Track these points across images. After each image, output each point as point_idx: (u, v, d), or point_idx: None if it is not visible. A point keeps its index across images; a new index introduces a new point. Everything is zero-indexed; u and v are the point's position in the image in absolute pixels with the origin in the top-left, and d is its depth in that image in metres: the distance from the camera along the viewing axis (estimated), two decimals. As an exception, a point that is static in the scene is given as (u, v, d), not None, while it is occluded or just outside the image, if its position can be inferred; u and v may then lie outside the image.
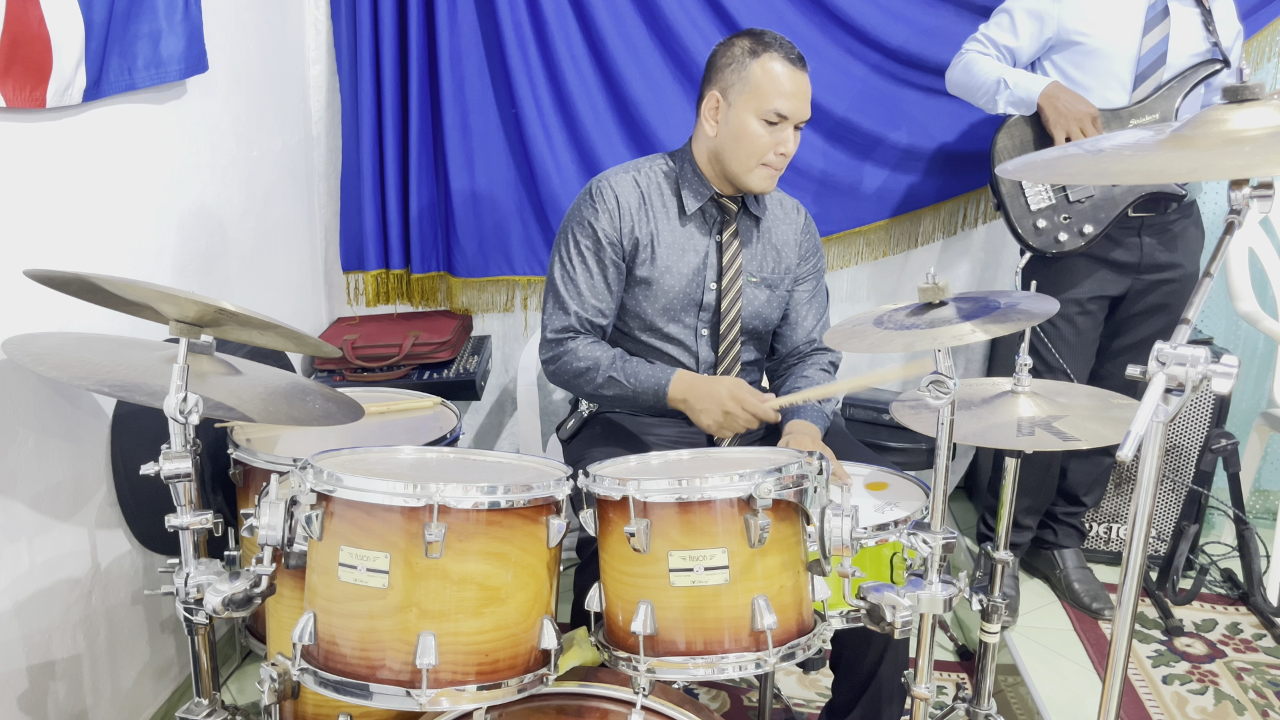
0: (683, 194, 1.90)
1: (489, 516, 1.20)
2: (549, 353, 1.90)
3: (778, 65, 1.79)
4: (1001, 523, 1.68)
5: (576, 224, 1.89)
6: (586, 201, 1.89)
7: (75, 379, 1.40)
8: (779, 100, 1.79)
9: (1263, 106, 1.03)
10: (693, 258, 1.90)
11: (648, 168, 1.93)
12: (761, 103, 1.79)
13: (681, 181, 1.90)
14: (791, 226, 2.00)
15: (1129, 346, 2.45)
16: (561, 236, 1.91)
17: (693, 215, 1.90)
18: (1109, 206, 2.26)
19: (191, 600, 1.31)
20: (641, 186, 1.90)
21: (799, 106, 1.80)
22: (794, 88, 1.79)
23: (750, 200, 1.94)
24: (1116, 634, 1.11)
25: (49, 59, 1.59)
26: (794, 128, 1.82)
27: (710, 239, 1.91)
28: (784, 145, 1.81)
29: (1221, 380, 1.00)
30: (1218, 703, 2.18)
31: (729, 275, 1.90)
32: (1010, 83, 2.28)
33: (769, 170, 1.83)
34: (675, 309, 1.91)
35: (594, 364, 1.85)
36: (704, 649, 1.25)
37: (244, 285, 2.35)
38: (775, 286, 1.97)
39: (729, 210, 1.91)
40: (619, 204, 1.87)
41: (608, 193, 1.88)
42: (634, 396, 1.85)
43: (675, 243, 1.89)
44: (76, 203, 1.73)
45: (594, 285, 1.87)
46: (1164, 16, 2.24)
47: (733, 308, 1.91)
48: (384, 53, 2.60)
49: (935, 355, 1.25)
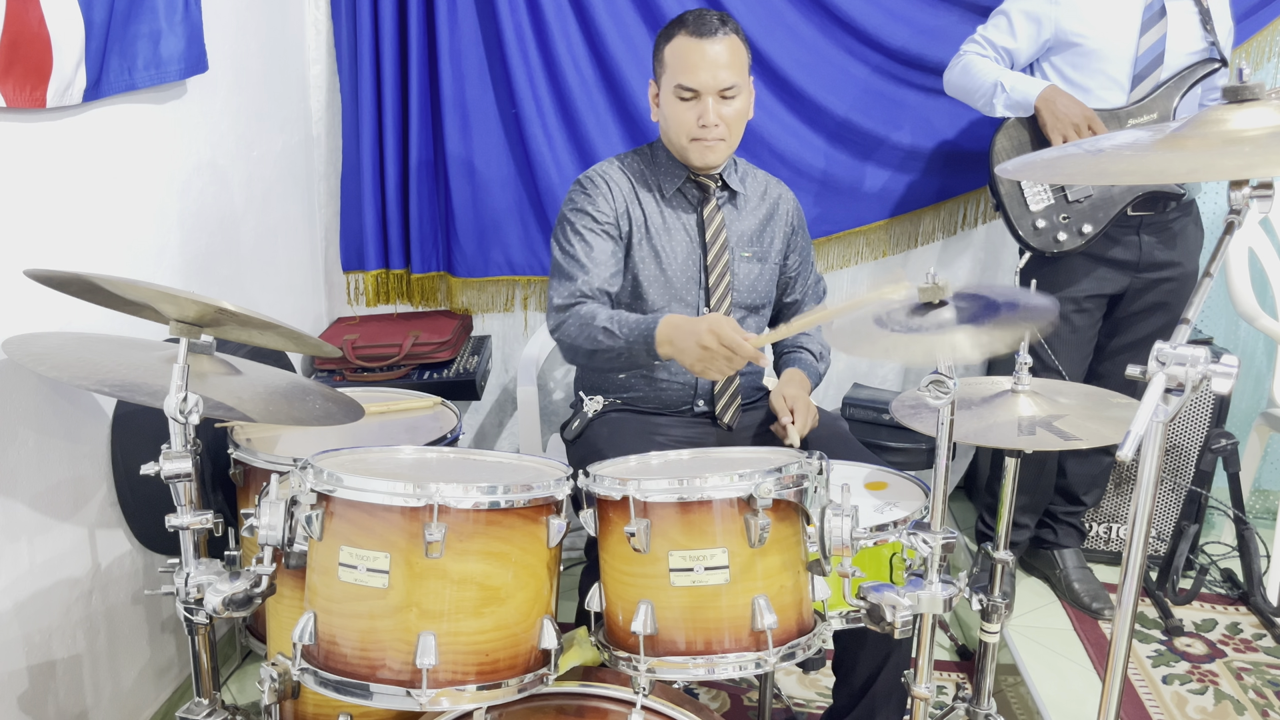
0: (661, 180, 1.96)
1: (489, 516, 1.20)
2: (556, 320, 1.88)
3: (682, 41, 1.85)
4: (1001, 522, 1.68)
5: (570, 210, 1.94)
6: (577, 190, 1.96)
7: (75, 379, 1.40)
8: (683, 75, 1.84)
9: (1262, 106, 1.03)
10: (681, 236, 1.95)
11: (629, 158, 2.01)
12: (672, 81, 1.86)
13: (658, 168, 1.97)
14: (777, 201, 2.04)
15: (1127, 346, 2.45)
16: (558, 226, 1.96)
17: (673, 197, 1.96)
18: (1108, 206, 2.26)
19: (191, 600, 1.31)
20: (627, 173, 1.97)
21: (708, 78, 1.83)
22: (698, 60, 1.83)
23: (730, 176, 1.98)
24: (1116, 634, 1.11)
25: (49, 59, 1.59)
26: (719, 97, 1.85)
27: (693, 215, 1.96)
28: (704, 117, 1.84)
29: (1221, 380, 1.00)
30: (1218, 703, 2.18)
31: (714, 249, 1.94)
32: (1007, 86, 2.28)
33: (700, 144, 1.87)
34: (677, 289, 1.95)
35: (593, 316, 1.82)
36: (704, 649, 1.25)
37: (244, 285, 2.35)
38: (765, 260, 2.01)
39: (707, 187, 1.96)
40: (610, 187, 1.94)
41: (597, 179, 1.95)
42: (628, 348, 1.78)
43: (664, 225, 1.95)
44: (77, 203, 1.73)
45: (594, 258, 1.89)
46: (1161, 16, 2.24)
47: (721, 281, 1.95)
48: (384, 53, 2.60)
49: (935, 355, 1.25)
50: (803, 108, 2.71)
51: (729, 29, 1.85)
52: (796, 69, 2.67)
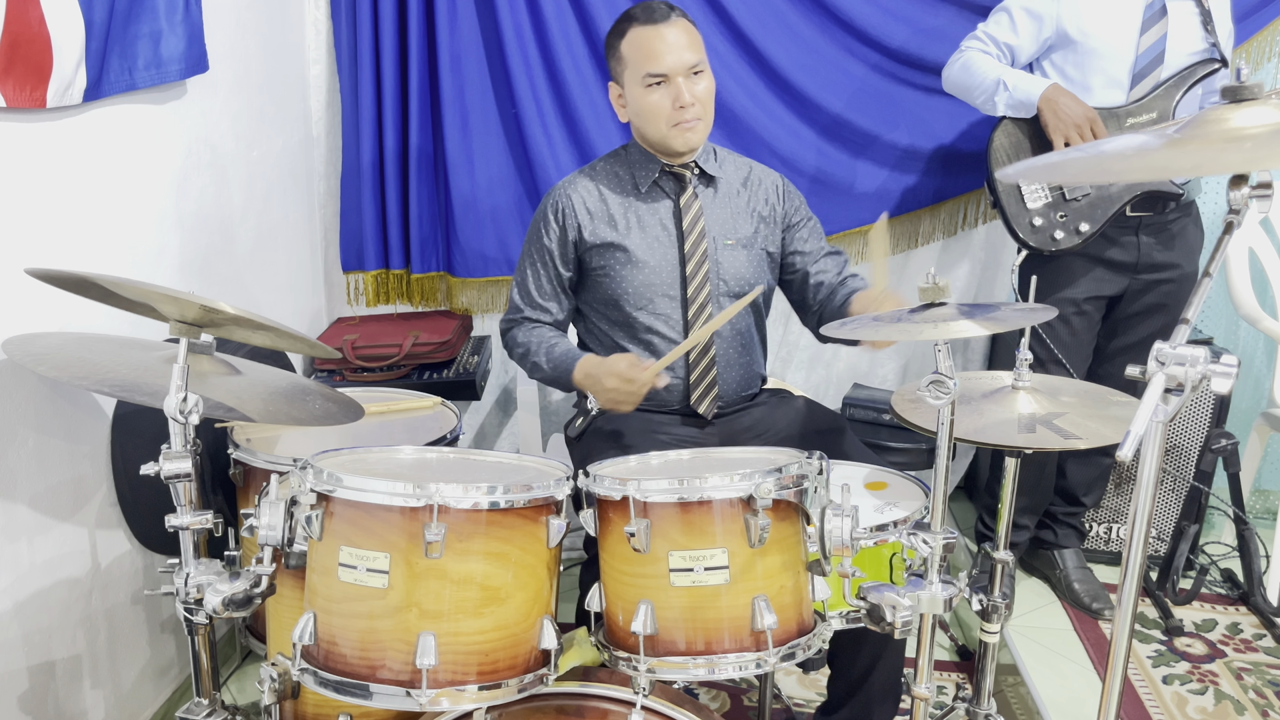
0: (635, 175, 1.97)
1: (489, 516, 1.20)
2: (504, 341, 2.06)
3: (638, 32, 1.87)
4: (1001, 522, 1.68)
5: (530, 237, 2.02)
6: (541, 211, 2.01)
7: (75, 379, 1.40)
8: (649, 63, 1.85)
9: (1262, 106, 1.03)
10: (658, 231, 1.96)
11: (601, 164, 2.03)
12: (639, 72, 1.87)
13: (633, 166, 1.98)
14: (757, 183, 2.04)
15: (1127, 347, 2.44)
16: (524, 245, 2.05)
17: (649, 191, 1.97)
18: (1105, 204, 2.26)
19: (191, 600, 1.31)
20: (598, 180, 1.99)
21: (674, 60, 1.85)
22: (660, 45, 1.85)
23: (707, 163, 1.98)
24: (1116, 634, 1.11)
25: (49, 59, 1.59)
26: (689, 75, 1.86)
27: (670, 206, 1.97)
28: (680, 98, 1.85)
29: (1221, 380, 0.99)
30: (1218, 703, 2.18)
31: (692, 238, 1.95)
32: (1009, 84, 2.27)
33: (681, 127, 1.88)
34: (656, 284, 1.95)
35: (525, 348, 1.99)
36: (704, 649, 1.25)
37: (244, 285, 2.35)
38: (750, 246, 2.00)
39: (683, 177, 1.97)
40: (571, 204, 1.97)
41: (560, 198, 1.98)
42: (555, 379, 1.95)
43: (639, 221, 1.96)
44: (77, 203, 1.73)
45: (538, 285, 2.00)
46: (1162, 15, 2.24)
47: (700, 269, 1.95)
48: (384, 53, 2.60)
49: (935, 354, 1.25)
50: (801, 106, 2.71)
51: (678, 12, 1.88)
52: (795, 69, 2.67)
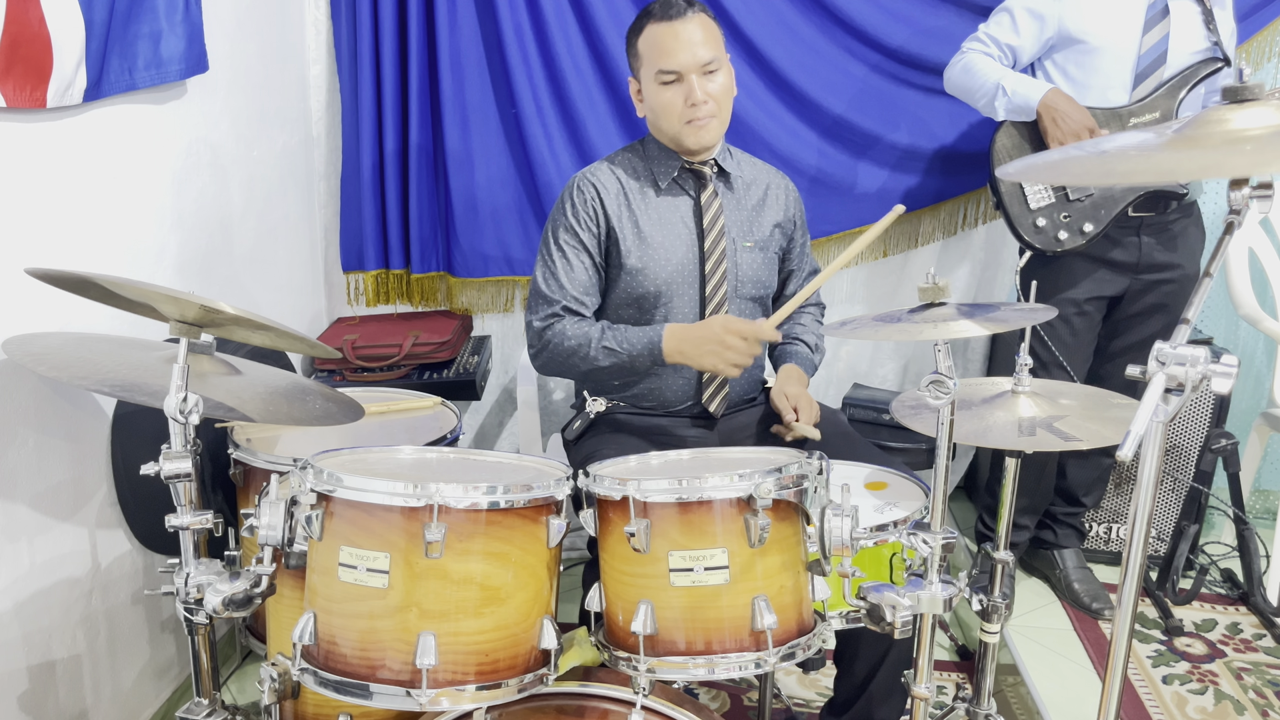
0: (655, 171, 1.96)
1: (489, 516, 1.20)
2: (537, 343, 1.92)
3: (654, 29, 1.86)
4: (1001, 522, 1.68)
5: (553, 225, 1.96)
6: (565, 199, 1.96)
7: (75, 379, 1.40)
8: (662, 60, 1.85)
9: (1262, 106, 1.03)
10: (679, 227, 1.94)
11: (620, 156, 2.01)
12: (652, 69, 1.87)
13: (651, 161, 1.97)
14: (774, 189, 2.04)
15: (1127, 347, 2.44)
16: (543, 240, 1.98)
17: (669, 188, 1.96)
18: (1109, 205, 2.26)
19: (191, 600, 1.31)
20: (618, 173, 1.97)
21: (687, 58, 1.84)
22: (673, 43, 1.84)
23: (725, 161, 1.98)
24: (1116, 634, 1.11)
25: (49, 59, 1.59)
26: (702, 74, 1.85)
27: (690, 204, 1.96)
28: (691, 96, 1.85)
29: (1221, 380, 0.99)
30: (1218, 703, 2.18)
31: (711, 235, 1.94)
32: (1008, 89, 2.27)
33: (694, 125, 1.88)
34: (675, 281, 1.93)
35: (584, 339, 1.87)
36: (704, 649, 1.25)
37: (244, 285, 2.35)
38: (766, 249, 2.01)
39: (703, 175, 1.96)
40: (597, 193, 1.93)
41: (585, 186, 1.94)
42: (630, 362, 1.86)
43: (660, 217, 1.94)
44: (77, 203, 1.73)
45: (573, 276, 1.91)
46: (1164, 15, 2.23)
47: (718, 269, 1.94)
48: (384, 53, 2.60)
49: (935, 355, 1.25)
50: (801, 106, 2.71)
51: (697, 8, 1.87)
52: (796, 69, 2.67)
